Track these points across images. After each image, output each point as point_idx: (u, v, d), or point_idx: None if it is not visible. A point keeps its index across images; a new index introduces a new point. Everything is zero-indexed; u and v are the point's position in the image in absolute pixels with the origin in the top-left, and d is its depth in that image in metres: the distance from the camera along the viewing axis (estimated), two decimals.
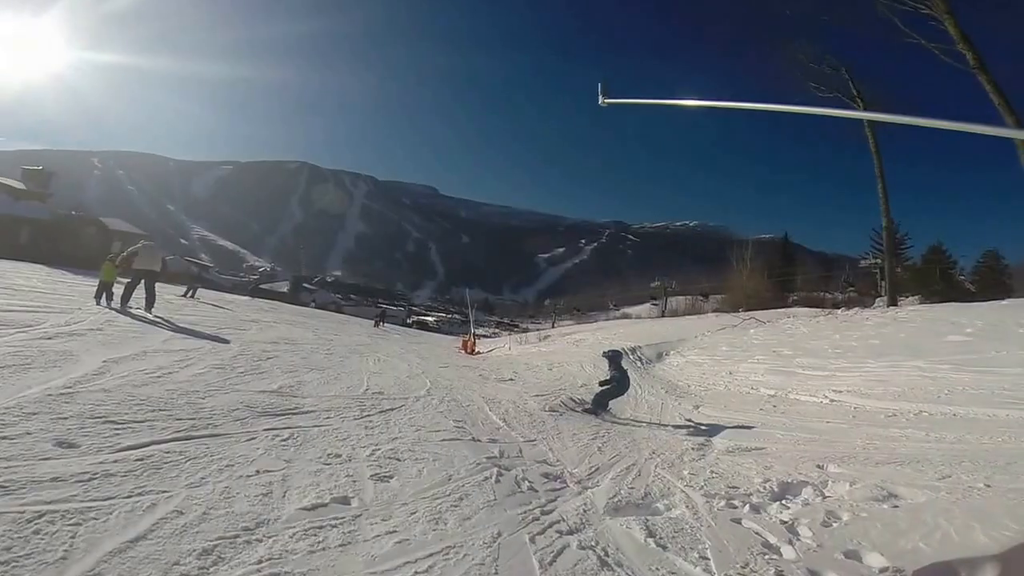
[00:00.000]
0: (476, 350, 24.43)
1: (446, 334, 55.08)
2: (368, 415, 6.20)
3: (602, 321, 47.65)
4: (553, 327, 43.34)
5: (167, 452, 3.88)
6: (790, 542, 3.92)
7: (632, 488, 4.96)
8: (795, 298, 40.87)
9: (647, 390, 12.59)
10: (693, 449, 6.85)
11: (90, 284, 13.47)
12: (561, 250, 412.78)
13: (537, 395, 10.21)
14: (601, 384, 9.64)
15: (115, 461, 3.55)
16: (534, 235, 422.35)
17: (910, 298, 30.88)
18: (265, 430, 4.81)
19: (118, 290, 13.07)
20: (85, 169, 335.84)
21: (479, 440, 6.02)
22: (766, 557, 3.65)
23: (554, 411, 8.63)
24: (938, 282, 34.99)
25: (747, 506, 4.64)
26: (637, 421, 8.94)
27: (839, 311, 25.14)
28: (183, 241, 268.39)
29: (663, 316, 41.67)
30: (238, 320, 15.60)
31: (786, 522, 4.33)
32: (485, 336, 43.61)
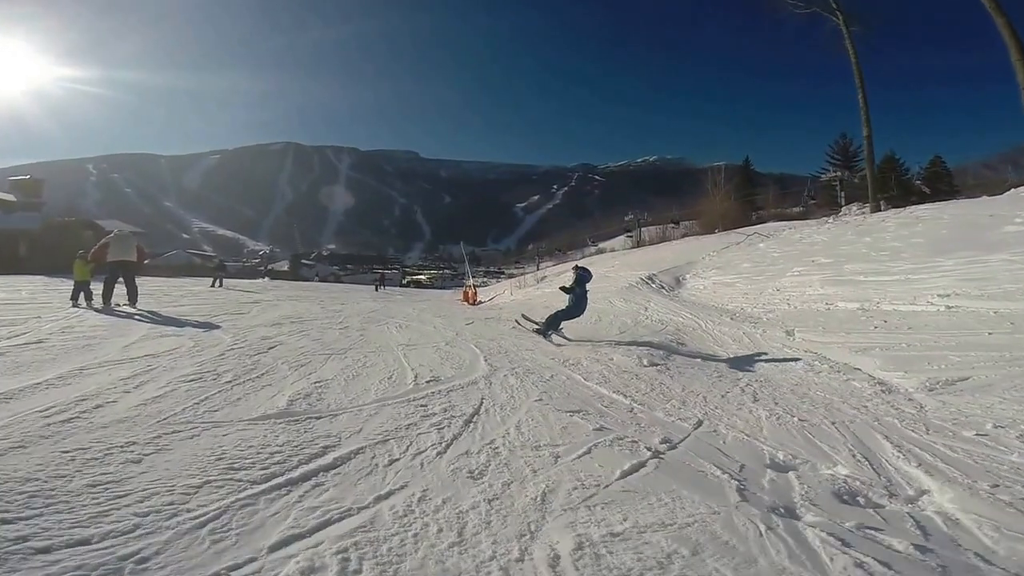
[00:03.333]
0: (477, 299, 22.51)
1: (441, 289, 52.79)
2: (454, 435, 3.32)
3: (585, 257, 45.50)
4: (538, 269, 40.79)
5: None
6: None
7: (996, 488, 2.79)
8: (756, 216, 39.41)
9: (706, 319, 10.23)
10: (883, 392, 4.98)
11: (94, 288, 10.39)
12: (536, 197, 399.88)
13: (603, 341, 8.04)
14: (562, 288, 8.67)
15: None
16: (510, 186, 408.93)
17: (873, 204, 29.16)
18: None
19: (98, 289, 10.38)
20: (81, 176, 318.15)
21: (659, 453, 3.21)
22: None
23: (655, 364, 6.14)
24: (893, 188, 33.78)
25: None
26: (749, 359, 6.88)
27: (843, 217, 23.02)
28: (185, 235, 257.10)
29: (637, 246, 40.17)
30: (237, 303, 12.63)
31: None
32: (478, 285, 40.93)
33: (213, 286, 20.58)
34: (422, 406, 3.91)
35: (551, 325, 8.25)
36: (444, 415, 3.70)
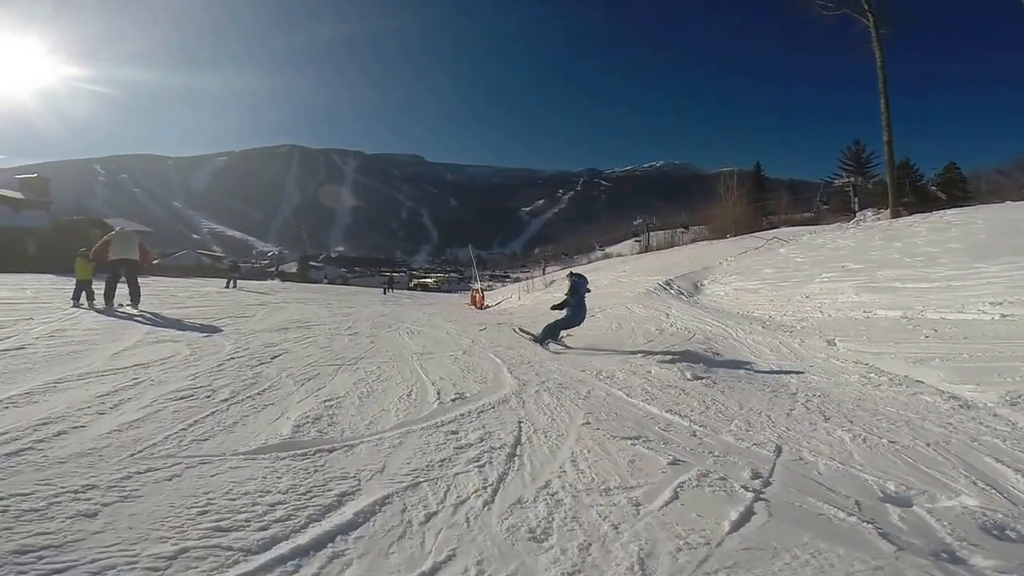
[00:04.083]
0: (485, 303, 22.34)
1: (448, 293, 52.16)
2: (499, 476, 2.66)
3: (592, 263, 44.94)
4: (544, 273, 40.28)
5: None
6: None
7: None
8: (766, 221, 38.94)
9: (736, 327, 9.59)
10: (961, 408, 4.45)
11: (96, 288, 9.93)
12: (541, 201, 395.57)
13: (630, 351, 7.32)
14: (553, 307, 8.22)
15: None
16: (516, 190, 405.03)
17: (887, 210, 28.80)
18: None
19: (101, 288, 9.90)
20: (90, 176, 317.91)
21: (759, 493, 2.57)
22: None
23: (699, 377, 5.52)
24: (909, 194, 33.44)
25: None
26: (797, 371, 6.24)
27: (866, 222, 22.41)
28: (195, 236, 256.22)
29: (646, 251, 39.76)
30: (243, 305, 12.09)
31: None
32: (485, 289, 40.40)
33: (228, 287, 20.57)
34: (452, 433, 3.28)
35: (549, 334, 7.75)
36: (481, 446, 3.07)
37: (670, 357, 6.61)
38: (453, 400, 4.13)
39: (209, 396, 3.72)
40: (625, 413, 4.04)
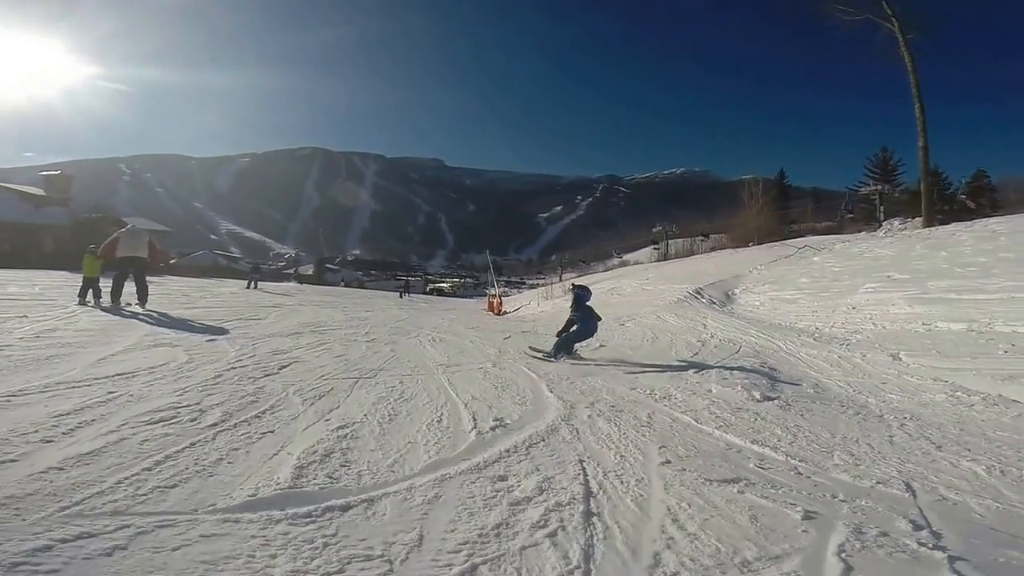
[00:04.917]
0: (503, 309, 21.71)
1: (464, 298, 51.53)
2: (584, 549, 1.81)
3: (610, 270, 44.18)
4: (560, 280, 39.63)
5: None
6: None
7: None
8: (791, 230, 38.19)
9: (784, 340, 8.84)
10: None
11: (103, 285, 9.48)
12: (559, 208, 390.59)
13: (676, 365, 6.65)
14: (558, 334, 7.49)
15: None
16: (534, 196, 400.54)
17: (917, 219, 27.96)
18: None
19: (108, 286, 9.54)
20: (115, 175, 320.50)
21: (948, 550, 1.92)
22: None
23: (769, 398, 4.78)
24: (937, 203, 32.57)
25: None
26: (871, 389, 5.57)
27: (903, 230, 21.57)
28: (213, 236, 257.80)
29: (665, 259, 39.16)
30: (255, 306, 11.50)
31: None
32: (502, 295, 39.80)
33: (248, 288, 20.84)
34: (501, 479, 2.50)
35: (562, 348, 7.13)
36: (543, 501, 2.28)
37: (726, 373, 5.86)
38: (492, 429, 3.37)
39: (194, 419, 2.99)
40: (704, 445, 3.27)
